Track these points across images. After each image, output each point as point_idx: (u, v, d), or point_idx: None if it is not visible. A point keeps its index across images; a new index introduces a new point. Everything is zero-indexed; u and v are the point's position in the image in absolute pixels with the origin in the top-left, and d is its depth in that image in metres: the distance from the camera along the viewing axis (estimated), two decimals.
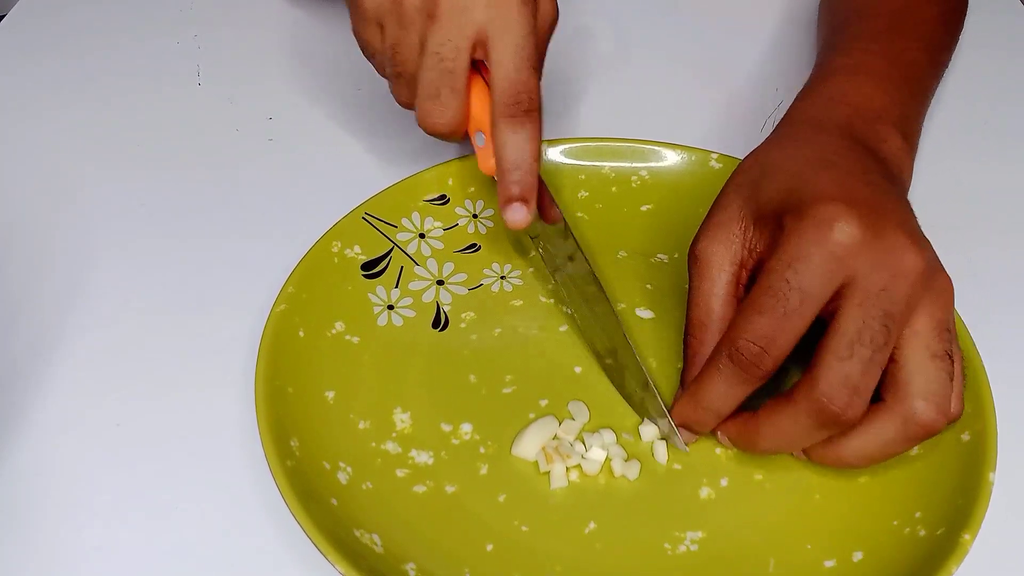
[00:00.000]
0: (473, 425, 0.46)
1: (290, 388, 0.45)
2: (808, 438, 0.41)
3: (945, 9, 0.57)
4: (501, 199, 0.48)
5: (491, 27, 0.47)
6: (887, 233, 0.40)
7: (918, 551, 0.40)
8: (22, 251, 0.55)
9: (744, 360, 0.40)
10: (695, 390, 0.43)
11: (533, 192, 0.48)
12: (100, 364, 0.49)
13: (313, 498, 0.41)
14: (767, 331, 0.40)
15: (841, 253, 0.39)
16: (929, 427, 0.40)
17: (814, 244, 0.40)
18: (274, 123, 0.63)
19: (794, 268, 0.40)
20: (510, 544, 0.42)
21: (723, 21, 0.72)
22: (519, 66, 0.47)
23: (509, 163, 0.48)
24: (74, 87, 0.66)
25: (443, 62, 0.48)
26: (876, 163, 0.46)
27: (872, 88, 0.50)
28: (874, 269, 0.39)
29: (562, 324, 0.51)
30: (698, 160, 0.56)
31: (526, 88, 0.47)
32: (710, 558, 0.42)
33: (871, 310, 0.39)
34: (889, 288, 0.39)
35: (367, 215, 0.53)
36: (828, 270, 0.39)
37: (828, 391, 0.39)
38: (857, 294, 0.39)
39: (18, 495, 0.44)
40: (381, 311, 0.51)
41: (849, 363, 0.39)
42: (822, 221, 0.40)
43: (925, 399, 0.40)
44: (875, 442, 0.41)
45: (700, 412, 0.43)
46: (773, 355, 0.40)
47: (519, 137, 0.47)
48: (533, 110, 0.48)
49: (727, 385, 0.41)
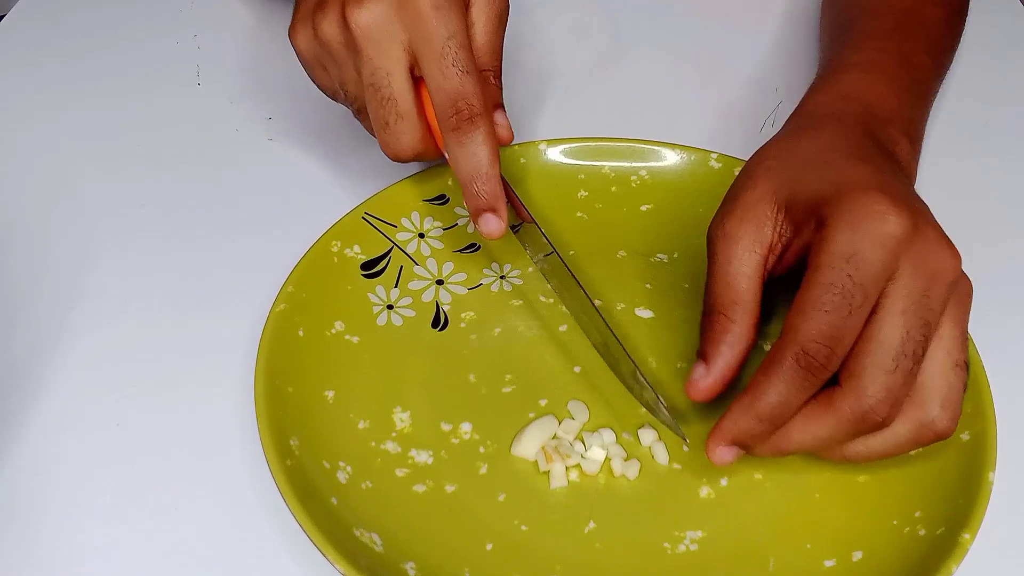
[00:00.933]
0: (473, 424, 0.46)
1: (290, 387, 0.45)
2: (839, 442, 0.41)
3: (948, 11, 0.57)
4: (470, 212, 0.47)
5: (412, 42, 0.47)
6: (927, 230, 0.40)
7: (918, 551, 0.40)
8: (22, 251, 0.55)
9: (814, 363, 0.39)
10: (753, 400, 0.40)
11: (500, 199, 0.47)
12: (100, 364, 0.49)
13: (313, 497, 0.41)
14: (835, 331, 0.38)
15: (894, 247, 0.39)
16: (942, 434, 0.40)
17: (869, 237, 0.39)
18: (274, 123, 0.63)
19: (854, 263, 0.38)
20: (510, 543, 0.42)
21: (723, 21, 0.72)
22: (446, 74, 0.46)
23: (465, 175, 0.47)
24: (74, 87, 0.66)
25: (379, 91, 0.47)
26: (893, 162, 0.46)
27: (885, 88, 0.50)
28: (917, 269, 0.39)
29: (562, 324, 0.51)
30: (698, 160, 0.56)
31: (460, 95, 0.46)
32: (710, 558, 0.42)
33: (913, 320, 0.39)
34: (929, 293, 0.39)
35: (367, 215, 0.53)
36: (886, 264, 0.38)
37: (875, 405, 0.39)
38: (900, 300, 0.39)
39: (18, 495, 0.44)
40: (381, 311, 0.51)
41: (894, 376, 0.38)
42: (872, 212, 0.39)
43: (943, 407, 0.40)
44: (887, 443, 0.41)
45: (761, 423, 0.40)
46: (839, 355, 0.39)
47: (469, 148, 0.47)
48: (476, 115, 0.46)
49: (792, 390, 0.39)
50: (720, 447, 0.41)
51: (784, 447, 0.41)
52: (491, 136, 0.47)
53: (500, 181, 0.47)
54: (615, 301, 0.52)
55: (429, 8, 0.46)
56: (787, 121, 0.49)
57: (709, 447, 0.41)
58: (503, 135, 0.50)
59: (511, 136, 0.51)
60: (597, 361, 0.49)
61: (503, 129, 0.50)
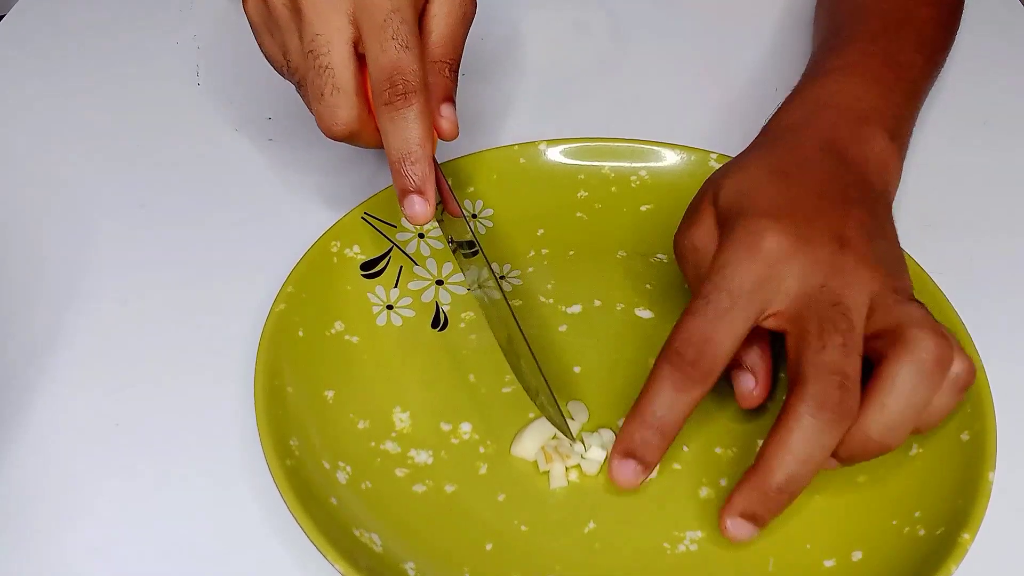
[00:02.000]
0: (472, 425, 0.46)
1: (289, 387, 0.45)
2: (820, 447, 0.39)
3: (941, 10, 0.57)
4: (397, 193, 0.46)
5: (356, 12, 0.46)
6: (817, 243, 0.41)
7: (917, 550, 0.40)
8: (21, 251, 0.55)
9: (682, 361, 0.40)
10: (637, 405, 0.41)
11: (429, 182, 0.46)
12: (99, 364, 0.49)
13: (312, 497, 0.41)
14: (700, 331, 0.40)
15: (770, 260, 0.41)
16: (937, 350, 0.38)
17: (742, 250, 0.41)
18: (274, 123, 0.63)
19: (722, 273, 0.41)
20: (509, 543, 0.42)
21: (723, 21, 0.72)
22: (384, 46, 0.45)
23: (395, 153, 0.46)
24: (74, 87, 0.66)
25: (317, 59, 0.46)
26: (844, 172, 0.46)
27: (863, 89, 0.50)
28: (805, 275, 0.41)
29: (561, 324, 0.51)
30: (697, 160, 0.56)
31: (397, 68, 0.45)
32: (709, 558, 0.42)
33: (821, 304, 0.40)
34: (828, 284, 0.40)
35: (366, 215, 0.53)
36: (756, 273, 0.40)
37: (820, 386, 0.38)
38: (801, 299, 0.40)
39: (17, 495, 0.44)
40: (380, 311, 0.51)
41: (825, 352, 0.39)
42: (751, 232, 0.41)
43: (917, 326, 0.39)
44: (893, 400, 0.39)
45: (646, 428, 0.41)
46: (710, 355, 0.40)
47: (400, 124, 0.45)
48: (411, 92, 0.45)
49: (670, 392, 0.40)
50: (617, 463, 0.42)
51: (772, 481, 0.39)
52: (425, 116, 0.46)
53: (431, 164, 0.46)
54: (615, 301, 0.52)
55: None
56: (760, 132, 0.50)
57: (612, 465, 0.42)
58: (447, 128, 0.49)
59: (455, 132, 0.49)
60: (597, 361, 0.49)
61: (447, 122, 0.49)
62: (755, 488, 0.39)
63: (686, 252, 0.45)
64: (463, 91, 0.62)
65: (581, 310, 0.51)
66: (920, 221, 0.55)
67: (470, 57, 0.53)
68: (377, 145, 0.48)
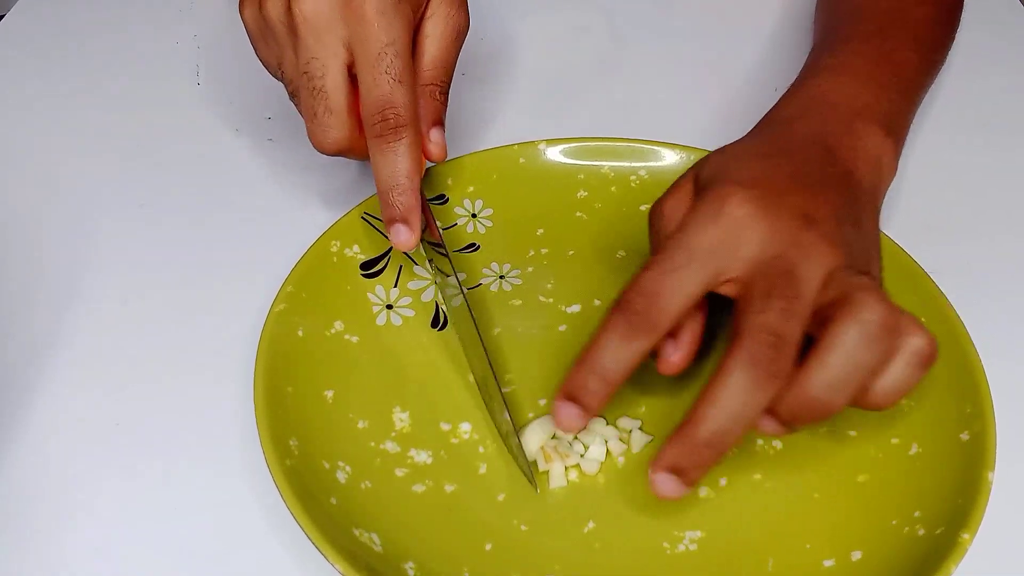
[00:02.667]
0: (472, 424, 0.46)
1: (289, 387, 0.45)
2: (750, 403, 0.38)
3: (939, 9, 0.57)
4: (384, 221, 0.48)
5: (352, 41, 0.47)
6: (781, 214, 0.41)
7: (917, 550, 0.40)
8: (20, 251, 0.55)
9: (629, 309, 0.40)
10: (584, 353, 0.41)
11: (414, 212, 0.47)
12: (99, 364, 0.49)
13: (312, 497, 0.41)
14: (652, 285, 0.40)
15: (729, 224, 0.40)
16: (882, 315, 0.38)
17: (707, 212, 0.41)
18: (274, 123, 0.63)
19: (684, 231, 0.41)
20: (509, 543, 0.42)
21: (722, 21, 0.72)
22: (377, 80, 0.46)
23: (384, 184, 0.47)
24: (74, 87, 0.66)
25: (312, 80, 0.47)
26: (827, 161, 0.46)
27: (856, 87, 0.50)
28: (764, 244, 0.40)
29: (561, 324, 0.51)
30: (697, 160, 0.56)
31: (388, 103, 0.46)
32: (709, 558, 0.42)
33: (772, 272, 0.40)
34: (783, 255, 0.40)
35: (366, 215, 0.53)
36: (715, 234, 0.40)
37: (752, 343, 0.38)
38: (756, 266, 0.40)
39: (17, 495, 0.44)
40: (380, 310, 0.51)
41: (765, 315, 0.39)
42: (719, 196, 0.41)
43: (864, 290, 0.39)
44: (835, 358, 0.38)
45: (590, 374, 0.41)
46: (658, 308, 0.40)
47: (389, 156, 0.47)
48: (401, 126, 0.47)
49: (616, 342, 0.40)
50: (560, 405, 0.42)
51: (701, 433, 0.39)
52: (414, 148, 0.47)
53: (417, 194, 0.47)
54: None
55: (373, 12, 0.46)
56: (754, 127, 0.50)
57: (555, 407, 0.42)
58: (435, 152, 0.50)
59: (443, 155, 0.51)
60: None
61: (436, 147, 0.50)
62: (682, 442, 0.39)
63: (654, 219, 0.46)
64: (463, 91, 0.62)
65: (580, 309, 0.52)
66: (920, 221, 0.55)
67: (470, 57, 0.53)
68: (367, 158, 0.49)
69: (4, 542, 0.43)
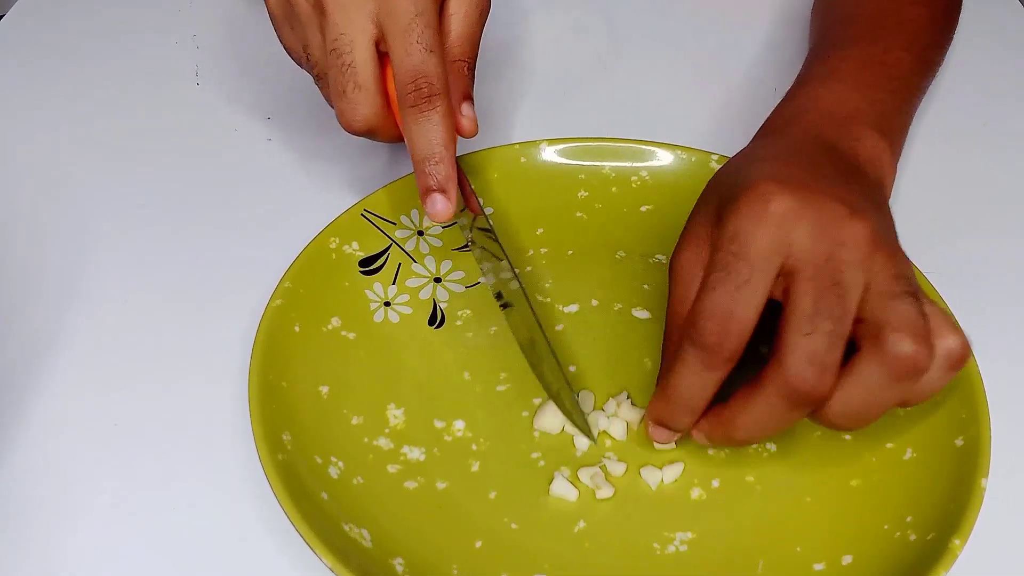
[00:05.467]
0: (466, 422, 0.46)
1: (284, 382, 0.45)
2: (783, 421, 0.40)
3: (934, 9, 0.57)
4: (420, 192, 0.47)
5: (380, 15, 0.47)
6: (823, 204, 0.40)
7: (908, 555, 0.40)
8: (20, 250, 0.55)
9: (707, 341, 0.39)
10: (665, 384, 0.41)
11: (451, 181, 0.47)
12: (97, 363, 0.49)
13: (303, 492, 0.41)
14: (723, 307, 0.39)
15: (777, 222, 0.39)
16: (911, 359, 0.38)
17: (750, 217, 0.40)
18: (273, 123, 0.63)
19: (736, 242, 0.39)
20: (499, 541, 0.42)
21: (722, 21, 0.72)
22: (409, 50, 0.46)
23: (419, 154, 0.47)
24: (73, 87, 0.66)
25: (340, 57, 0.47)
26: (837, 158, 0.45)
27: (845, 91, 0.50)
28: (814, 240, 0.39)
29: (559, 323, 0.51)
30: (698, 161, 0.56)
31: (421, 72, 0.46)
32: (699, 559, 0.42)
33: (822, 281, 0.39)
34: (834, 257, 0.39)
35: (366, 212, 0.53)
36: (768, 238, 0.39)
37: (797, 371, 0.38)
38: (806, 268, 0.39)
39: (15, 494, 0.44)
40: (378, 307, 0.51)
41: (812, 339, 0.38)
42: (756, 196, 0.40)
43: (897, 330, 0.38)
44: (858, 393, 0.39)
45: (673, 407, 0.42)
46: (734, 332, 0.39)
47: (424, 126, 0.47)
48: (435, 95, 0.46)
49: (695, 372, 0.40)
50: (651, 427, 0.44)
51: (733, 434, 0.41)
52: (448, 118, 0.47)
53: (453, 164, 0.47)
54: (613, 301, 0.52)
55: None
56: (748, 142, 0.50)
57: (647, 428, 0.44)
58: (467, 127, 0.50)
59: (475, 129, 0.51)
60: (594, 361, 0.49)
61: (468, 120, 0.50)
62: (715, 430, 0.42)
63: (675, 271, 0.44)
64: None
65: (578, 309, 0.51)
66: (917, 222, 0.54)
67: None
68: (395, 139, 0.50)
69: (4, 542, 0.43)
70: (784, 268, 0.39)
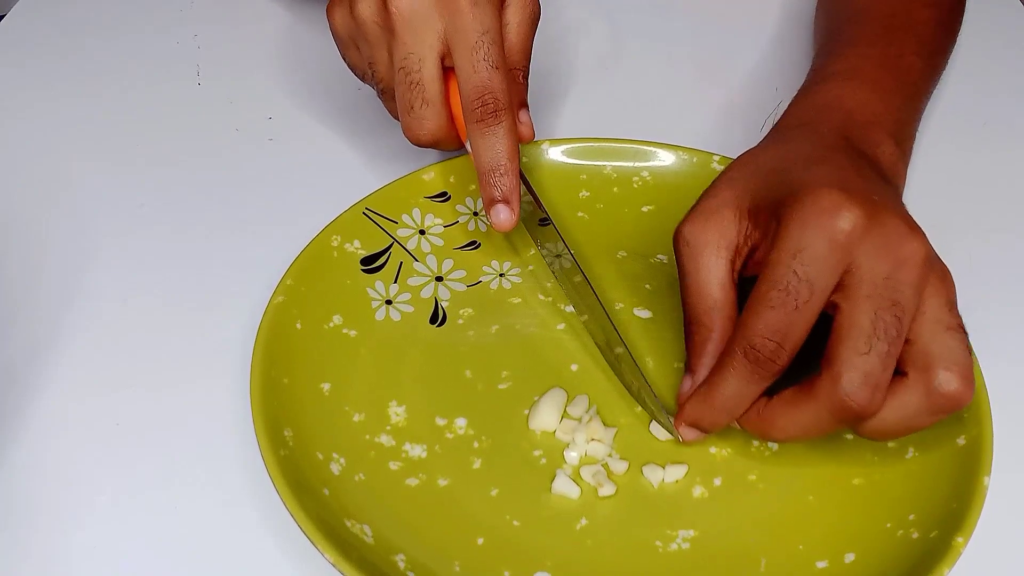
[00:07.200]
0: (468, 420, 0.46)
1: (285, 379, 0.45)
2: (824, 430, 0.41)
3: (941, 11, 0.57)
4: (484, 202, 0.49)
5: (448, 32, 0.48)
6: (886, 220, 0.39)
7: (911, 553, 0.40)
8: (20, 250, 0.55)
9: (761, 357, 0.40)
10: (708, 390, 0.42)
11: (515, 193, 0.49)
12: (98, 362, 0.49)
13: (305, 488, 0.41)
14: (781, 326, 0.39)
15: (844, 241, 0.39)
16: (956, 398, 0.39)
17: (817, 233, 0.39)
18: (274, 123, 0.63)
19: (800, 259, 0.39)
20: (501, 538, 0.42)
21: (723, 21, 0.72)
22: (476, 67, 0.48)
23: (485, 166, 0.49)
24: (74, 87, 0.66)
25: (409, 75, 0.49)
26: (869, 163, 0.46)
27: (867, 94, 0.50)
28: (876, 258, 0.39)
29: (560, 322, 0.51)
30: (700, 162, 0.56)
31: (488, 88, 0.48)
32: (701, 557, 0.42)
33: (880, 301, 0.39)
34: (893, 276, 0.39)
35: (368, 210, 0.53)
36: (834, 259, 0.39)
37: (851, 389, 0.39)
38: (864, 285, 0.39)
39: (16, 493, 0.44)
40: (379, 306, 0.51)
41: (868, 358, 0.38)
42: (823, 209, 0.39)
43: (948, 369, 0.39)
44: (896, 416, 0.40)
45: (714, 412, 0.42)
46: (788, 349, 0.40)
47: (490, 139, 0.48)
48: (500, 110, 0.48)
49: (742, 384, 0.41)
50: (683, 427, 0.44)
51: (770, 433, 0.42)
52: (513, 131, 0.49)
53: (518, 176, 0.49)
54: (614, 301, 0.52)
55: (467, 3, 0.48)
56: (768, 134, 0.50)
57: (676, 425, 0.44)
58: (525, 133, 0.52)
59: (532, 135, 0.53)
60: (594, 360, 0.49)
61: (525, 127, 0.53)
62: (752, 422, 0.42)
63: (679, 243, 0.45)
64: None
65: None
66: (920, 221, 0.54)
67: None
68: (456, 148, 0.53)
69: (4, 542, 0.42)
70: (842, 283, 0.39)
